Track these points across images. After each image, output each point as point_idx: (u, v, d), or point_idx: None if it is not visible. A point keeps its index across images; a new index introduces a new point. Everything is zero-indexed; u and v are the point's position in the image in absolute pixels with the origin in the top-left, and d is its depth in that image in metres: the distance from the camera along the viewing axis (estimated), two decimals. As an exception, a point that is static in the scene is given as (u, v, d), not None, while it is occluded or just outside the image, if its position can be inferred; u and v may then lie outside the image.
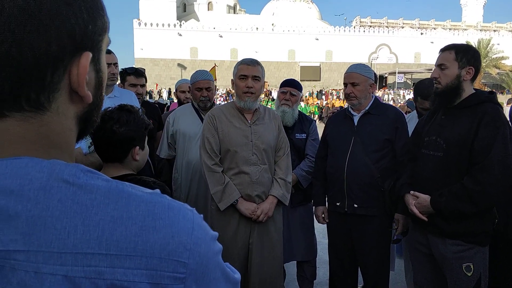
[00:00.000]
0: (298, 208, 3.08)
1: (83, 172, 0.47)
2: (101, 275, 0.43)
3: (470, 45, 2.29)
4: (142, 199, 0.48)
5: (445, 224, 2.13)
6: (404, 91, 37.85)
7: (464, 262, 2.09)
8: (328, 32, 46.11)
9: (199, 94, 3.03)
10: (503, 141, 1.99)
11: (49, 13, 0.44)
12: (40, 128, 0.47)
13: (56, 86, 0.47)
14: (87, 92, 0.49)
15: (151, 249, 0.45)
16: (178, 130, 3.00)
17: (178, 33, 42.30)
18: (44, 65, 0.45)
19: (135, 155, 1.57)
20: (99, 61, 0.52)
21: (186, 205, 0.51)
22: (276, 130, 2.56)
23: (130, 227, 0.45)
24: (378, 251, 2.61)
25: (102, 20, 0.51)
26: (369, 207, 2.57)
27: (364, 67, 2.69)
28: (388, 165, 2.57)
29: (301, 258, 3.10)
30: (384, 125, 2.60)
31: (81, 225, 0.43)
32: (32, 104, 0.46)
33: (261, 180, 2.45)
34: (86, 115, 0.52)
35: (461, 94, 2.16)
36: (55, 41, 0.45)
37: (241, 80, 2.42)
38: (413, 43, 46.75)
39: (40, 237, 0.42)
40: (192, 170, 2.93)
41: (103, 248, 0.43)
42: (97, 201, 0.45)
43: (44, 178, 0.44)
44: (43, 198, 0.43)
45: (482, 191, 1.99)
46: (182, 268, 0.47)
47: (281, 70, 43.30)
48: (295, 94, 3.06)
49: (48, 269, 0.42)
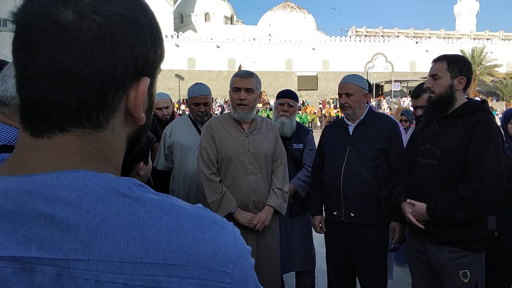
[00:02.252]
0: (296, 218, 3.10)
1: (136, 186, 0.50)
2: (159, 284, 0.45)
3: (461, 56, 2.34)
4: (191, 212, 0.50)
5: (441, 231, 2.15)
6: (401, 99, 38.08)
7: (461, 269, 2.11)
8: (325, 42, 46.46)
9: (197, 109, 3.06)
10: (495, 149, 2.03)
11: (119, 41, 0.48)
12: (96, 144, 0.50)
13: (115, 107, 0.50)
14: (142, 115, 0.53)
15: (203, 259, 0.47)
16: (175, 142, 3.02)
17: (176, 44, 42.53)
18: (108, 87, 0.48)
19: (139, 170, 1.57)
20: (152, 86, 0.56)
21: (225, 220, 0.54)
22: (273, 140, 2.60)
23: (183, 239, 0.47)
24: (375, 259, 2.62)
25: (161, 49, 0.55)
26: (365, 216, 2.58)
27: (358, 78, 2.74)
28: (384, 174, 2.60)
29: (300, 268, 3.11)
30: (379, 135, 2.63)
31: (139, 236, 0.45)
32: (92, 121, 0.49)
33: (258, 190, 2.47)
34: (136, 135, 0.56)
35: (454, 103, 2.20)
36: (121, 66, 0.48)
37: (235, 92, 2.47)
38: (409, 52, 47.14)
39: (101, 247, 0.44)
40: (189, 182, 2.94)
41: (160, 258, 0.45)
42: (152, 213, 0.47)
43: (101, 191, 0.47)
44: (102, 210, 0.45)
45: (476, 199, 2.02)
46: (228, 278, 0.49)
47: (279, 80, 43.50)
48: (292, 105, 3.10)
49: (108, 277, 0.44)
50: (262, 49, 44.27)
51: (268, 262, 2.51)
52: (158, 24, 0.54)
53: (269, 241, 2.53)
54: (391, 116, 3.16)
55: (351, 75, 2.79)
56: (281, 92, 3.24)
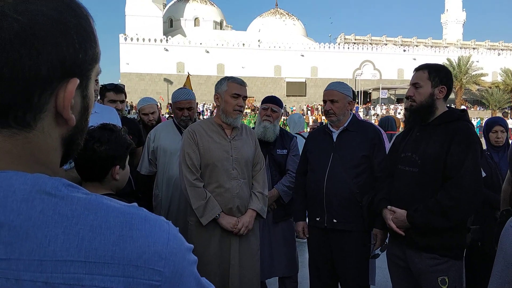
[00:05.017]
0: (279, 223, 3.10)
1: (65, 185, 0.50)
2: (80, 282, 0.45)
3: (442, 65, 2.38)
4: (120, 210, 0.50)
5: (420, 238, 2.17)
6: (389, 106, 38.53)
7: (439, 275, 2.13)
8: (313, 48, 46.86)
9: (181, 113, 3.06)
10: (474, 157, 2.07)
11: (43, 40, 0.47)
12: (25, 145, 0.50)
13: (43, 107, 0.50)
14: (71, 116, 0.52)
15: (128, 257, 0.47)
16: (159, 146, 3.00)
17: (165, 48, 42.41)
18: (32, 86, 0.48)
19: (115, 174, 1.58)
20: (86, 88, 0.55)
21: (162, 218, 0.54)
22: (253, 146, 2.64)
23: (109, 236, 0.47)
24: (357, 265, 2.63)
25: (93, 51, 0.54)
26: (348, 222, 2.60)
27: (343, 85, 2.77)
28: (366, 181, 2.62)
29: (283, 273, 3.11)
30: (362, 142, 2.66)
31: (61, 234, 0.46)
32: (19, 122, 0.49)
33: (241, 194, 2.50)
34: (71, 137, 0.55)
35: (435, 112, 2.24)
36: (46, 66, 0.48)
37: (233, 98, 2.49)
38: (396, 60, 47.82)
39: (22, 246, 0.44)
40: (172, 186, 2.92)
41: (82, 255, 0.46)
42: (77, 212, 0.47)
43: (27, 190, 0.47)
44: (26, 209, 0.45)
45: (454, 206, 2.05)
46: (158, 276, 0.49)
47: (267, 86, 43.69)
48: (276, 110, 3.12)
49: (28, 276, 0.44)
50: (252, 55, 44.44)
51: (251, 265, 2.53)
52: (89, 25, 0.54)
53: (252, 245, 2.56)
54: (374, 124, 3.20)
55: (336, 82, 2.82)
56: (265, 97, 3.27)
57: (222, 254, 2.45)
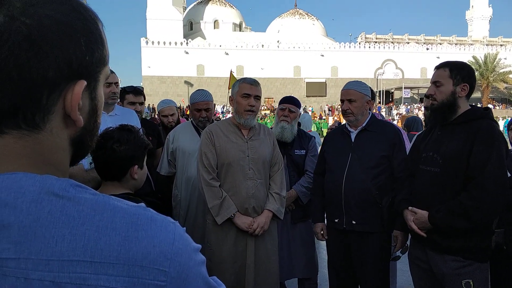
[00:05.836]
0: (298, 224, 3.08)
1: (72, 186, 0.51)
2: (86, 281, 0.46)
3: (464, 63, 2.31)
4: (126, 211, 0.51)
5: (442, 239, 2.12)
6: (412, 106, 37.80)
7: (464, 279, 2.07)
8: (334, 48, 46.41)
9: (198, 114, 3.09)
10: (498, 157, 2.00)
11: (50, 43, 0.49)
12: (35, 146, 0.51)
13: (51, 109, 0.51)
14: (78, 117, 0.53)
15: (133, 257, 0.48)
16: (177, 147, 3.04)
17: (185, 51, 42.88)
18: (41, 88, 0.49)
19: (133, 173, 1.62)
20: (95, 89, 0.56)
21: (169, 218, 0.55)
22: (271, 146, 2.62)
23: (114, 237, 0.48)
24: (377, 268, 2.58)
25: (101, 53, 0.55)
26: (367, 223, 2.56)
27: (360, 84, 2.73)
28: (386, 182, 2.57)
29: (302, 275, 3.08)
30: (381, 142, 2.61)
31: (68, 234, 0.47)
32: (29, 123, 0.50)
33: (257, 194, 2.49)
34: (79, 138, 0.56)
35: (457, 111, 2.18)
36: (53, 68, 0.49)
37: (244, 98, 2.50)
38: (419, 58, 46.79)
39: (30, 246, 0.46)
40: (191, 187, 2.95)
41: (88, 255, 0.47)
42: (84, 213, 0.49)
43: (36, 192, 0.48)
44: (34, 210, 0.47)
45: (476, 207, 1.98)
46: (163, 276, 0.50)
47: (287, 87, 43.55)
48: (293, 111, 3.11)
49: (36, 275, 0.45)
50: (271, 56, 44.39)
51: (267, 266, 2.52)
52: (96, 28, 0.55)
53: (268, 246, 2.55)
54: (394, 124, 3.14)
55: (354, 81, 2.78)
56: (283, 98, 3.26)
57: (237, 254, 2.46)
